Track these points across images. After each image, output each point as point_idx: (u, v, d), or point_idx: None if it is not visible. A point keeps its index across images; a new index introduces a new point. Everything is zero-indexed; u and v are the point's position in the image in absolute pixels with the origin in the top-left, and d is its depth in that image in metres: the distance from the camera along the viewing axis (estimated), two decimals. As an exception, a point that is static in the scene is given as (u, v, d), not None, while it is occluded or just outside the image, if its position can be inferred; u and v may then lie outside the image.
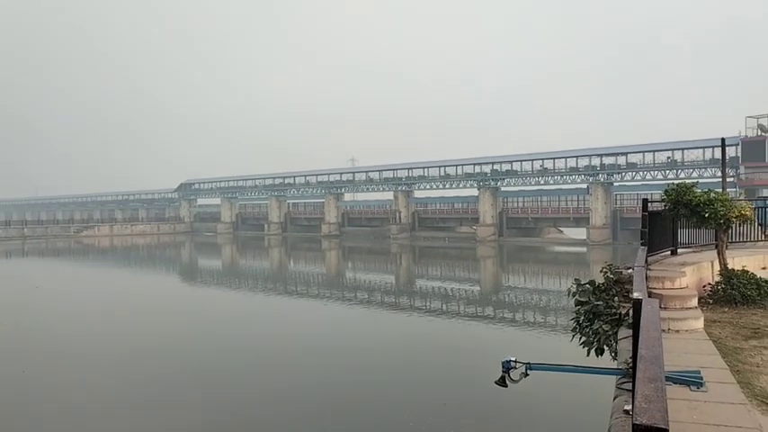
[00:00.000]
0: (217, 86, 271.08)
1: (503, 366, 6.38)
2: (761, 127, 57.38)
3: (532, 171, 73.18)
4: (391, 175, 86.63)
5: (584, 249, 62.32)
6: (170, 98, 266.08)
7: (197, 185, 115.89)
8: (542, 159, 72.12)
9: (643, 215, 10.25)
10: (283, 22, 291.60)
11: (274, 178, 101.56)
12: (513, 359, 6.33)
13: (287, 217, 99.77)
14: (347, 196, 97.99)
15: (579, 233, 67.95)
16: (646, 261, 7.83)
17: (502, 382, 6.43)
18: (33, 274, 49.52)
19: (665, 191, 10.25)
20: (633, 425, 1.87)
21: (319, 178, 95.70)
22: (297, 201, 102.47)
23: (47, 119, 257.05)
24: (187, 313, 29.59)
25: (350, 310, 30.73)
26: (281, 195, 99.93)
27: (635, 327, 3.41)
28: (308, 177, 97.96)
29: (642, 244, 8.91)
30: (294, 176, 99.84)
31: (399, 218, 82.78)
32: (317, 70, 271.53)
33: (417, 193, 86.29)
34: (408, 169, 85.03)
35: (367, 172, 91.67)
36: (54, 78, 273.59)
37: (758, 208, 13.76)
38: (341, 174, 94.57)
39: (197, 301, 34.58)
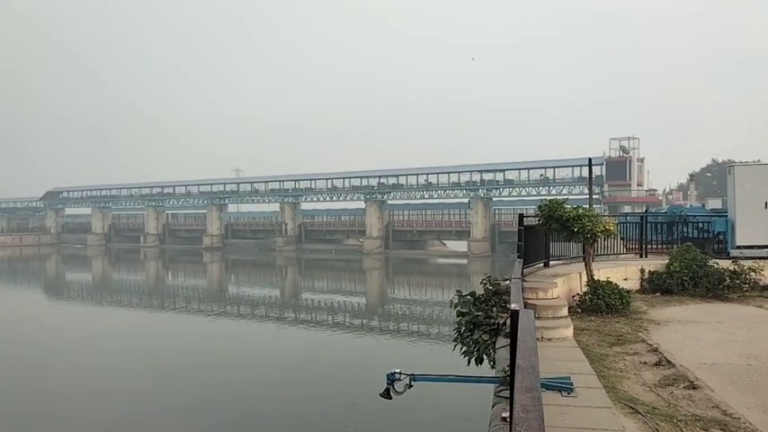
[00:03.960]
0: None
1: (387, 378, 6.35)
2: (622, 148, 62.90)
3: (417, 185, 75.14)
4: (278, 187, 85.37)
5: (465, 261, 64.73)
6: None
7: (65, 194, 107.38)
8: (427, 174, 74.27)
9: (519, 229, 10.75)
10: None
11: (152, 187, 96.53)
12: (398, 371, 6.32)
13: (165, 228, 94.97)
14: (231, 207, 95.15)
15: (461, 246, 70.50)
16: (522, 273, 8.20)
17: (386, 394, 6.40)
18: None
19: (539, 206, 10.81)
20: (513, 435, 1.88)
21: (201, 188, 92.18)
22: (177, 211, 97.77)
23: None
24: (54, 331, 27.22)
25: (232, 323, 29.72)
26: (160, 206, 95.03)
27: (512, 336, 3.49)
28: (188, 187, 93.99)
29: (519, 256, 9.34)
30: (174, 185, 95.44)
31: (286, 230, 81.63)
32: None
33: (304, 206, 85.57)
34: (295, 181, 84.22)
35: (252, 182, 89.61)
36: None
37: (621, 223, 14.95)
38: (224, 184, 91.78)
39: (63, 319, 31.91)
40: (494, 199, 70.14)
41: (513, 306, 3.39)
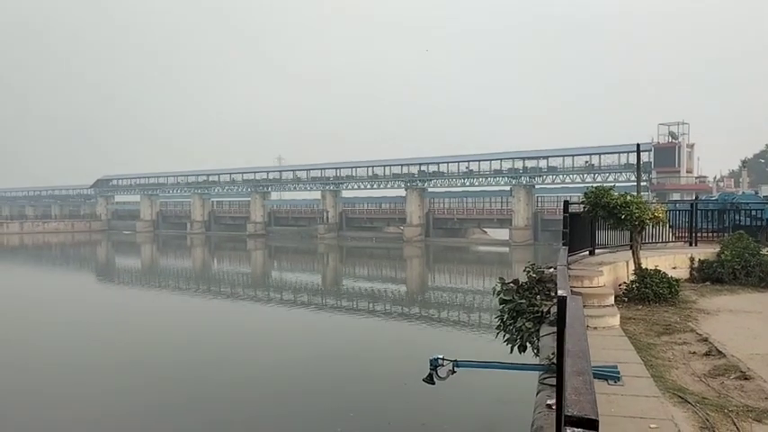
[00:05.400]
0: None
1: (430, 364, 6.42)
2: (671, 134, 61.07)
3: (458, 173, 74.67)
4: (319, 175, 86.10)
5: (506, 249, 64.18)
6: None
7: (115, 181, 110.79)
8: (468, 161, 73.72)
9: (564, 216, 10.61)
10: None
11: (198, 175, 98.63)
12: (441, 357, 6.38)
13: (211, 215, 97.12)
14: (274, 195, 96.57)
15: (502, 234, 69.91)
16: (567, 261, 8.12)
17: (429, 379, 6.47)
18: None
19: (585, 193, 10.65)
20: (564, 416, 1.90)
21: (245, 176, 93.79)
22: (221, 199, 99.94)
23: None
24: (134, 317, 28.28)
25: (278, 310, 30.29)
26: (205, 193, 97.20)
27: (559, 323, 3.49)
28: (233, 175, 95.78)
29: (564, 244, 9.22)
30: (219, 174, 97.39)
31: (327, 217, 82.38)
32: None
33: (345, 193, 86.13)
34: (336, 169, 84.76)
35: (294, 171, 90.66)
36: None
37: (670, 211, 14.59)
38: (267, 172, 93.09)
39: (129, 304, 33.07)
40: (536, 186, 69.16)
41: (560, 292, 3.39)
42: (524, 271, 9.27)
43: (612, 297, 8.39)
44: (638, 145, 23.23)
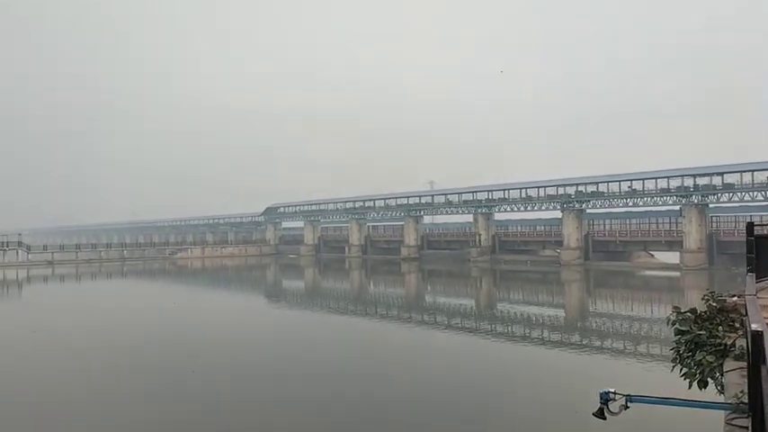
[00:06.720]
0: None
1: (600, 398, 6.13)
2: None
3: (620, 192, 70.50)
4: (471, 198, 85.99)
5: (677, 274, 59.15)
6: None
7: (282, 209, 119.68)
8: (630, 180, 69.41)
9: (749, 239, 9.64)
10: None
11: (354, 201, 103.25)
12: (612, 390, 6.07)
13: (367, 240, 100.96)
14: (426, 219, 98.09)
15: (672, 257, 64.59)
16: (755, 289, 7.35)
17: (600, 414, 6.18)
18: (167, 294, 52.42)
19: (773, 213, 9.63)
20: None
21: (398, 201, 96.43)
22: (377, 224, 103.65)
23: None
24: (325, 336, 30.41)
25: (430, 332, 30.56)
26: (362, 218, 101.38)
27: (754, 360, 3.22)
28: (387, 200, 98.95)
29: (749, 270, 8.38)
30: (374, 199, 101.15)
31: (479, 240, 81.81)
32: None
33: (498, 216, 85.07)
34: (488, 191, 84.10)
35: (446, 194, 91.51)
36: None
37: None
38: (420, 196, 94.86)
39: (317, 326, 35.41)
40: (710, 205, 63.19)
41: (753, 326, 3.13)
42: (703, 299, 8.55)
43: (812, 331, 7.43)
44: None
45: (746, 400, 4.55)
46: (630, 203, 69.98)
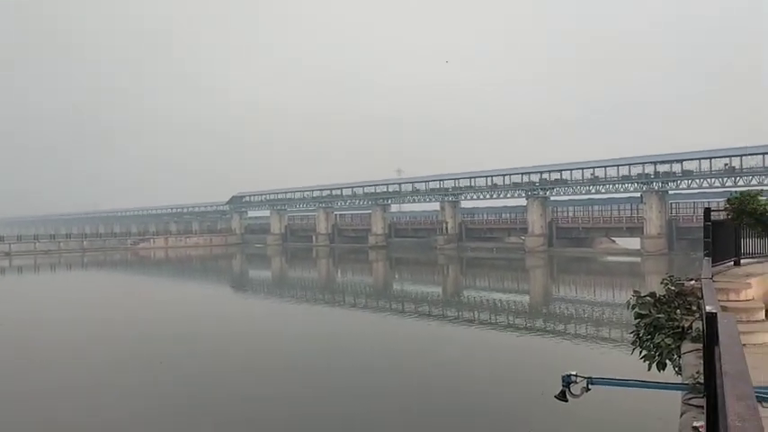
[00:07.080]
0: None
1: (563, 381, 6.24)
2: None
3: (583, 180, 71.75)
4: (437, 186, 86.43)
5: (638, 260, 60.63)
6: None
7: (248, 198, 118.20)
8: (593, 168, 70.65)
9: (706, 225, 9.90)
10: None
11: (321, 190, 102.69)
12: (574, 373, 6.18)
13: (334, 228, 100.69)
14: (394, 207, 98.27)
15: (633, 243, 66.17)
16: (711, 272, 7.57)
17: (562, 396, 6.29)
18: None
19: (728, 199, 9.95)
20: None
21: (366, 189, 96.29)
22: (344, 212, 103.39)
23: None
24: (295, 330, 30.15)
25: (398, 320, 30.69)
26: (329, 207, 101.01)
27: (708, 341, 3.30)
28: (354, 189, 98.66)
29: (706, 254, 8.61)
30: (341, 188, 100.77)
31: (446, 228, 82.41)
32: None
33: (464, 204, 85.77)
34: (455, 179, 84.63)
35: (413, 183, 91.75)
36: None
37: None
38: (387, 185, 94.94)
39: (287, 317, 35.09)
40: (670, 192, 64.79)
41: (708, 308, 3.19)
42: (662, 283, 8.74)
43: (763, 311, 7.68)
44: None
45: (702, 380, 4.67)
46: (593, 191, 71.28)
